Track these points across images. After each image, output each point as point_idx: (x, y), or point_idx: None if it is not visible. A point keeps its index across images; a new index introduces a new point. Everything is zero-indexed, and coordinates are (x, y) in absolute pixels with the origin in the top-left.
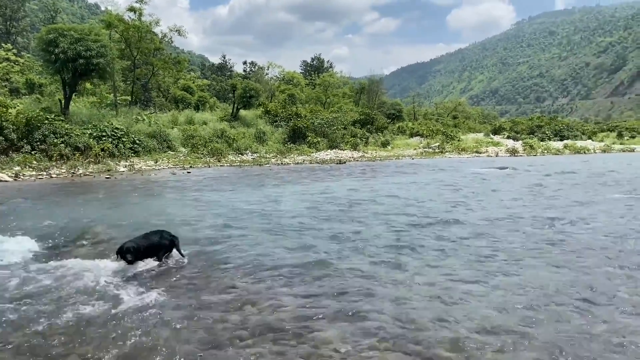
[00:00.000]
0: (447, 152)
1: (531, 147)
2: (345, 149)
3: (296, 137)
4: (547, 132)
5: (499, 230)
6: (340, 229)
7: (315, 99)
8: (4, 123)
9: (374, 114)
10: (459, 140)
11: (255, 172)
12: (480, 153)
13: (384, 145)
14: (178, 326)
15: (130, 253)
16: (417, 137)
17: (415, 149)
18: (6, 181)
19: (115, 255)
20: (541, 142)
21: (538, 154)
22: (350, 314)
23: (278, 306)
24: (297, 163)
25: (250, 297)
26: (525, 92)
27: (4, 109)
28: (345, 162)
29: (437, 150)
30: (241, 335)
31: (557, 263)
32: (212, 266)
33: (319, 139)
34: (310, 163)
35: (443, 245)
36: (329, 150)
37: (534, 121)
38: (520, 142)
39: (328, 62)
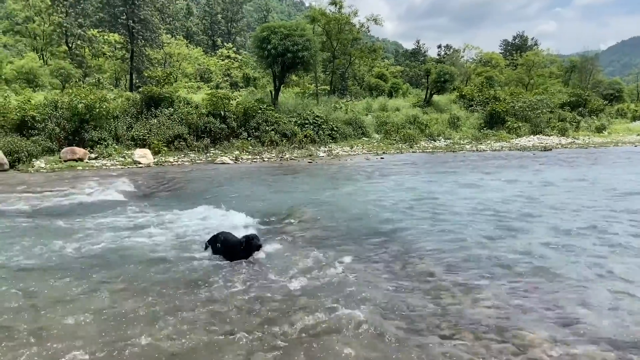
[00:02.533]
0: None
1: None
2: (551, 135)
3: (493, 122)
4: None
5: None
6: (552, 222)
7: (516, 81)
8: (227, 113)
9: (587, 95)
10: None
11: (449, 159)
12: None
13: (599, 130)
14: (377, 307)
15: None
16: None
17: (638, 134)
18: (229, 163)
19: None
20: None
21: None
22: (560, 315)
23: (477, 299)
24: (495, 150)
25: (447, 286)
26: None
27: (227, 101)
28: (551, 149)
29: None
30: (440, 324)
31: None
32: (407, 252)
33: (520, 124)
34: (510, 150)
35: None
36: (532, 136)
37: None
38: None
39: (532, 39)
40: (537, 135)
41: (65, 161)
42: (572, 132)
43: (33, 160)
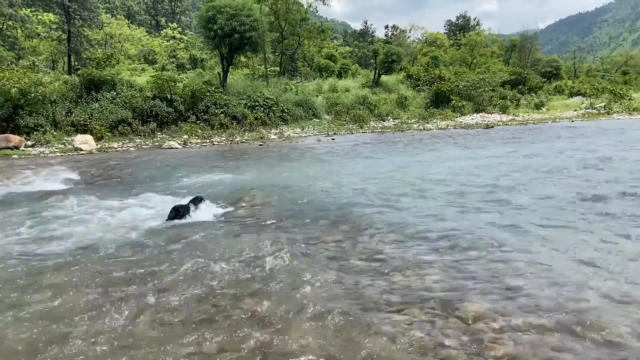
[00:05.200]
0: (614, 112)
1: None
2: (493, 112)
3: (439, 101)
4: None
5: None
6: (494, 197)
7: (460, 60)
8: (174, 96)
9: (527, 73)
10: (630, 99)
11: (397, 138)
12: None
13: (538, 107)
14: (328, 287)
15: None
16: (578, 97)
17: (575, 110)
18: (177, 148)
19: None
20: None
21: None
22: (502, 287)
23: (424, 274)
24: (440, 128)
25: (397, 264)
26: None
27: (173, 83)
28: (492, 127)
29: (602, 111)
30: (389, 300)
31: None
32: (358, 231)
33: (464, 103)
34: (455, 128)
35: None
36: (475, 114)
37: None
38: None
39: (475, 19)
40: (480, 114)
41: None
42: (513, 109)
43: None
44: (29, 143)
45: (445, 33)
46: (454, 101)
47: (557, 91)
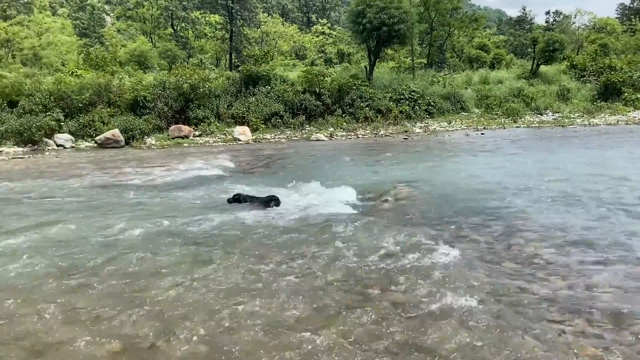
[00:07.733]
0: None
1: None
2: None
3: (609, 93)
4: None
5: None
6: None
7: (634, 48)
8: (322, 90)
9: None
10: None
11: (558, 134)
12: None
13: None
14: (477, 288)
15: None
16: None
17: None
18: (323, 140)
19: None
20: None
21: None
22: None
23: (590, 283)
24: (609, 124)
25: (557, 270)
26: None
27: (322, 78)
28: None
29: None
30: (548, 307)
31: None
32: (512, 232)
33: (639, 95)
34: (627, 124)
35: None
36: None
37: None
38: None
39: None
40: None
41: (172, 138)
42: None
43: (145, 137)
44: (197, 133)
45: (617, 18)
46: (626, 94)
47: None
